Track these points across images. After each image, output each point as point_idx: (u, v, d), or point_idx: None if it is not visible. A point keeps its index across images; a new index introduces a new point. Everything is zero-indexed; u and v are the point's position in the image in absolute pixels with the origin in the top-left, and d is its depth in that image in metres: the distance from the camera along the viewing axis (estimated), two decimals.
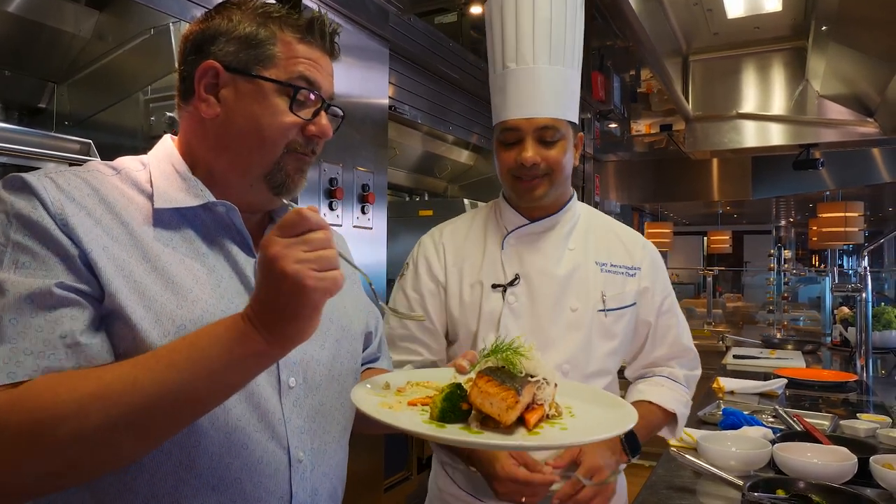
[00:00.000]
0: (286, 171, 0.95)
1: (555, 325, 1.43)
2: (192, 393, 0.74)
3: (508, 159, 1.42)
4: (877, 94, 4.26)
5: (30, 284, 0.76)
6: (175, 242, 0.89)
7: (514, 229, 1.49)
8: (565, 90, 1.43)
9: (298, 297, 0.71)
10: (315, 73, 0.94)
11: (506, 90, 1.43)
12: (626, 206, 8.23)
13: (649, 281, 1.52)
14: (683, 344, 1.57)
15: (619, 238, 1.56)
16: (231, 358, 0.74)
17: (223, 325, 0.76)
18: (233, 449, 0.86)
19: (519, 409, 0.87)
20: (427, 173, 4.33)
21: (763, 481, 1.51)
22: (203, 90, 0.93)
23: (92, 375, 0.74)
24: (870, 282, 3.35)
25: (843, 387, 2.99)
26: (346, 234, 2.44)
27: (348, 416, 1.06)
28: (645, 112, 6.28)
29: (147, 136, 2.18)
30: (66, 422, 0.71)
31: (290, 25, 0.94)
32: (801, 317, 6.71)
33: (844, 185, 7.21)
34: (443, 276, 1.52)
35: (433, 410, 0.91)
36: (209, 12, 0.97)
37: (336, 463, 1.01)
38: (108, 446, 0.74)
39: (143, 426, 0.74)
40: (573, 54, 1.46)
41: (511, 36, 1.44)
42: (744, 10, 4.50)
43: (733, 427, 2.09)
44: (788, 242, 15.14)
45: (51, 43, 2.11)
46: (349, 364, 1.06)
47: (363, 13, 2.61)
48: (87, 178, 0.88)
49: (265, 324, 0.73)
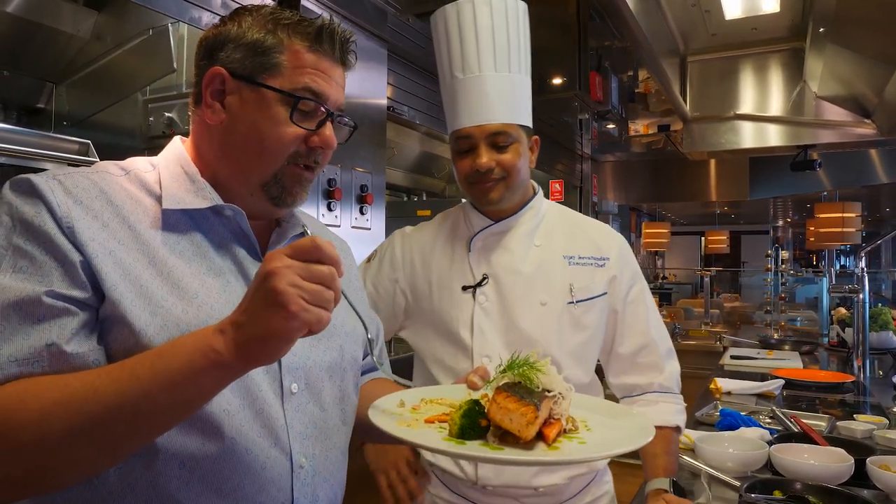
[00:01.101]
0: (283, 184, 0.94)
1: (526, 321, 1.45)
2: (151, 404, 0.73)
3: (464, 166, 1.46)
4: (874, 95, 4.27)
5: (20, 290, 0.76)
6: (182, 246, 0.89)
7: (480, 231, 1.52)
8: (513, 95, 1.45)
9: (277, 316, 0.69)
10: (322, 84, 0.93)
11: (456, 99, 1.47)
12: (624, 206, 8.24)
13: (617, 269, 1.53)
14: (651, 336, 1.53)
15: (585, 232, 1.57)
16: (192, 369, 0.72)
17: (193, 335, 0.75)
18: (235, 453, 0.85)
19: (538, 424, 0.88)
20: (425, 173, 4.33)
21: (760, 482, 1.51)
22: (209, 96, 0.93)
23: (60, 382, 0.74)
24: (867, 283, 3.36)
25: (840, 388, 3.00)
26: (345, 234, 2.44)
27: (349, 423, 1.06)
28: (643, 112, 6.28)
29: (145, 136, 2.18)
30: (27, 428, 0.71)
31: (299, 33, 0.92)
32: (798, 317, 6.72)
33: (842, 186, 7.23)
34: (405, 281, 1.56)
35: (452, 427, 0.91)
36: (223, 18, 0.97)
37: (337, 469, 1.01)
38: (69, 456, 0.73)
39: (103, 437, 0.73)
40: (519, 60, 1.49)
41: (456, 46, 1.47)
42: (742, 11, 4.51)
43: (730, 428, 2.10)
44: (786, 243, 15.19)
45: (49, 43, 2.11)
46: (350, 371, 1.06)
47: (361, 14, 2.61)
48: (95, 179, 0.87)
49: (237, 337, 0.71)
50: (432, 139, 3.94)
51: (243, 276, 0.93)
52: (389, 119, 2.96)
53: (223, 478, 0.85)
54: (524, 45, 1.52)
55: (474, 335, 1.45)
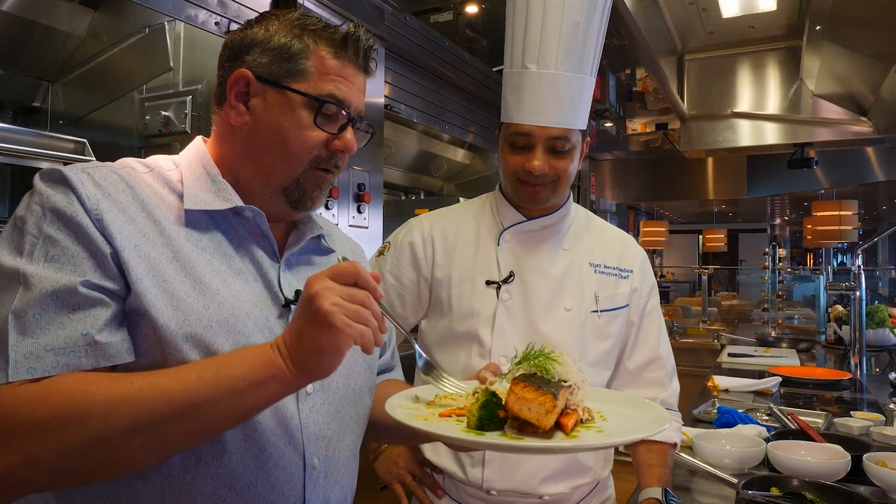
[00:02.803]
0: (304, 188, 0.96)
1: (549, 325, 1.42)
2: (214, 408, 0.76)
3: (515, 163, 1.40)
4: (871, 94, 4.28)
5: (56, 280, 0.77)
6: (204, 244, 0.90)
7: (511, 226, 1.48)
8: (582, 99, 1.39)
9: (326, 333, 0.74)
10: (345, 91, 0.95)
11: (522, 91, 1.37)
12: (622, 204, 8.24)
13: (638, 282, 1.52)
14: (659, 351, 1.53)
15: (611, 240, 1.56)
16: (255, 379, 0.76)
17: (253, 350, 0.79)
18: (250, 451, 0.87)
19: (556, 413, 0.88)
20: (423, 172, 4.33)
21: (757, 479, 1.51)
22: (234, 98, 0.94)
23: (123, 378, 0.76)
24: (863, 280, 3.36)
25: (837, 385, 3.00)
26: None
27: (362, 426, 1.07)
28: (640, 111, 6.28)
29: (142, 135, 2.18)
30: (94, 420, 0.72)
31: (325, 39, 0.94)
32: (795, 315, 6.73)
33: (839, 184, 7.25)
34: (427, 270, 1.50)
35: (470, 419, 0.91)
36: (250, 21, 0.98)
37: (348, 472, 1.02)
38: (127, 450, 0.75)
39: (164, 434, 0.76)
40: (594, 60, 1.42)
41: (535, 35, 1.37)
42: (738, 10, 4.51)
43: (728, 425, 2.10)
44: (783, 241, 15.21)
45: (45, 42, 2.10)
46: (365, 373, 1.07)
47: (358, 11, 2.61)
48: (122, 174, 0.88)
49: (291, 353, 0.77)
50: (430, 138, 3.94)
51: (262, 276, 0.94)
52: (387, 118, 2.96)
53: (237, 475, 0.86)
54: (601, 44, 1.44)
55: (495, 333, 1.41)
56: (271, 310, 0.92)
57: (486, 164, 4.50)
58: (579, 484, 1.45)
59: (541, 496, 1.41)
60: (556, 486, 1.41)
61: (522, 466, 1.39)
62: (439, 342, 1.50)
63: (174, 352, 0.81)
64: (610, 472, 1.58)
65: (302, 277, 0.99)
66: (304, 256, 1.04)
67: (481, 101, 3.90)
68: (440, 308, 1.49)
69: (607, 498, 1.58)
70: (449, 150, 4.23)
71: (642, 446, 1.46)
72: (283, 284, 0.95)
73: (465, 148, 4.34)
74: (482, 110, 3.92)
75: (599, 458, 1.50)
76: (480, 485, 1.40)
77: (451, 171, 4.52)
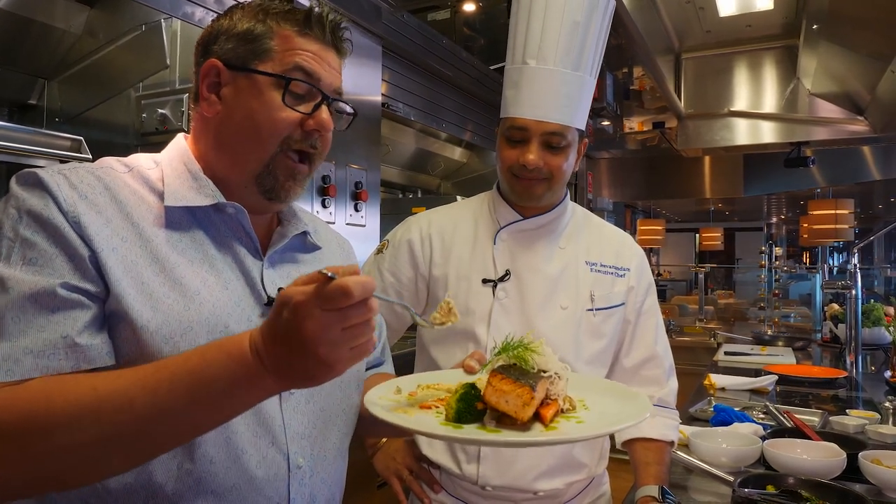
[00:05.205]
0: (276, 175, 0.94)
1: (545, 323, 1.43)
2: (191, 418, 0.73)
3: (511, 157, 1.41)
4: (867, 93, 4.29)
5: (34, 283, 0.76)
6: (184, 244, 0.89)
7: (507, 224, 1.49)
8: (580, 98, 1.40)
9: (324, 372, 0.70)
10: (314, 65, 0.93)
11: (520, 86, 1.39)
12: (619, 203, 8.25)
13: (635, 281, 1.53)
14: (657, 350, 1.53)
15: (608, 239, 1.56)
16: (236, 392, 0.72)
17: (230, 356, 0.71)
18: (232, 453, 0.85)
19: (534, 405, 0.87)
20: (420, 170, 4.32)
21: (753, 477, 1.52)
22: (206, 89, 0.93)
23: (87, 385, 0.72)
24: (859, 279, 3.37)
25: (832, 383, 3.01)
26: (339, 231, 2.44)
27: (350, 423, 1.05)
28: (637, 109, 6.28)
29: (138, 132, 2.17)
30: (57, 432, 0.70)
31: (288, 20, 0.93)
32: (791, 314, 6.75)
33: (835, 183, 7.26)
34: (425, 268, 1.50)
35: (448, 412, 0.90)
36: (218, 15, 0.98)
37: (335, 469, 1.01)
38: (97, 460, 0.73)
39: (135, 445, 0.73)
40: (594, 61, 1.43)
41: (536, 31, 1.39)
42: (736, 9, 4.51)
43: (724, 423, 2.10)
44: (779, 239, 15.23)
45: (41, 39, 2.09)
46: (352, 370, 1.05)
47: (355, 9, 2.60)
48: (100, 175, 0.87)
49: (278, 371, 0.70)
50: (427, 136, 3.93)
51: (244, 274, 0.93)
52: (384, 116, 2.95)
53: (219, 478, 0.85)
54: (602, 46, 1.46)
55: (491, 331, 1.41)
56: (254, 309, 0.91)
57: (483, 163, 4.50)
58: (574, 480, 1.45)
59: (535, 492, 1.41)
60: (551, 482, 1.42)
61: (517, 462, 1.39)
62: (436, 340, 1.50)
63: (154, 354, 0.80)
64: (605, 469, 1.58)
65: (286, 275, 0.98)
66: (289, 254, 1.03)
67: (479, 100, 3.89)
68: (436, 304, 1.49)
69: (602, 494, 1.58)
70: (446, 149, 4.23)
71: (639, 444, 1.46)
72: (265, 283, 0.94)
73: (462, 146, 4.34)
74: (479, 109, 3.92)
75: (594, 455, 1.50)
76: (476, 480, 1.41)
77: (449, 170, 4.52)
